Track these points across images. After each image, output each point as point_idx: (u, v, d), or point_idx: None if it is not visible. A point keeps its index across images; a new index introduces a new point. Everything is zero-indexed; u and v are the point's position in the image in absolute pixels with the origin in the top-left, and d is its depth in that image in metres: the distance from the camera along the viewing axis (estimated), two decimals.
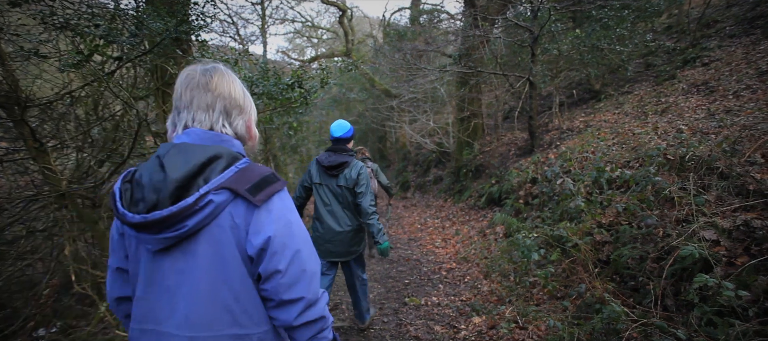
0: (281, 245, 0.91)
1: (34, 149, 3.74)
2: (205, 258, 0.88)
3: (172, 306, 0.89)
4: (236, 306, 0.90)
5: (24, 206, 4.26)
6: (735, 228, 2.46)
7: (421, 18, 12.89)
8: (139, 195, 0.87)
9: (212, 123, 0.97)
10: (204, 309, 0.88)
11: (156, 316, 0.90)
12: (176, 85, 0.99)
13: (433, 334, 3.18)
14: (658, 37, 8.04)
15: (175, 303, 0.89)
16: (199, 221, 0.86)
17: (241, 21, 14.59)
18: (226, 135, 0.98)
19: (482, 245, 5.25)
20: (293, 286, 0.92)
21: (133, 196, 0.89)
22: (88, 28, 3.32)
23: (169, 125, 1.01)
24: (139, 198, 0.87)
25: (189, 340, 0.87)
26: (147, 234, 0.87)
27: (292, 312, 0.93)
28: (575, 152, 5.04)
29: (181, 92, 0.97)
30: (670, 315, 2.37)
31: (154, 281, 0.91)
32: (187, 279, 0.88)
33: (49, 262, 4.37)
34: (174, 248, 0.89)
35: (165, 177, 0.85)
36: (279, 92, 5.12)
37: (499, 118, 10.09)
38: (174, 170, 0.86)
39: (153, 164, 0.89)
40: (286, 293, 0.92)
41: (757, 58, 5.26)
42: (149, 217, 0.84)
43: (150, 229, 0.86)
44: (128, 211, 0.87)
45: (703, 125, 4.05)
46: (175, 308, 0.88)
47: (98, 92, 4.74)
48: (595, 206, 3.60)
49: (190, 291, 0.88)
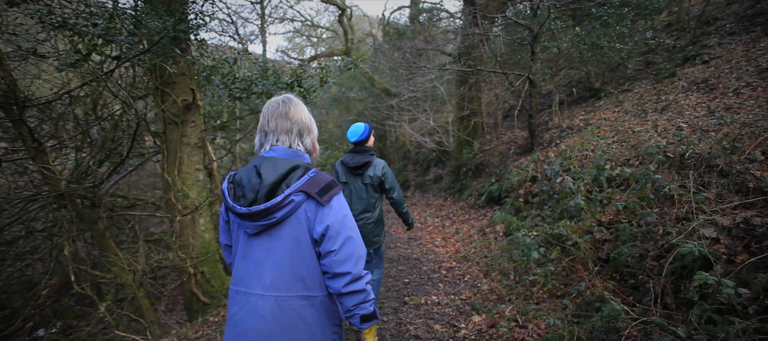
0: (336, 232, 1.24)
1: (33, 149, 3.73)
2: (286, 240, 1.24)
3: (260, 275, 1.24)
4: (307, 275, 1.25)
5: (23, 206, 4.26)
6: (735, 226, 2.45)
7: (420, 16, 12.86)
8: (240, 193, 1.24)
9: (291, 143, 1.34)
10: (285, 276, 1.23)
11: (247, 282, 1.25)
12: (263, 112, 1.36)
13: (433, 333, 3.17)
14: (658, 34, 8.02)
15: (262, 272, 1.24)
16: (283, 214, 1.22)
17: (240, 20, 14.59)
18: (300, 151, 1.35)
19: (482, 244, 5.24)
20: (343, 263, 1.24)
21: (235, 193, 1.26)
22: (87, 27, 3.31)
23: (257, 143, 1.38)
24: (241, 195, 1.24)
25: (274, 298, 1.22)
26: (248, 221, 1.23)
27: (340, 282, 1.26)
28: (575, 151, 5.03)
29: (268, 119, 1.34)
30: (669, 313, 2.37)
31: (247, 255, 1.27)
32: (272, 255, 1.24)
33: (48, 262, 4.38)
34: (263, 232, 1.25)
35: (261, 182, 1.22)
36: (278, 91, 5.11)
37: (499, 116, 10.08)
38: (267, 177, 1.22)
39: (250, 171, 1.26)
40: (337, 268, 1.24)
41: (758, 55, 5.25)
42: (252, 209, 1.20)
43: (250, 218, 1.22)
44: (236, 204, 1.23)
45: (703, 122, 4.04)
46: (263, 276, 1.23)
47: (97, 92, 4.73)
48: (595, 205, 3.59)
49: (275, 264, 1.23)
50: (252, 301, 1.24)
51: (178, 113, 4.38)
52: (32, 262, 4.43)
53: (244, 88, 4.91)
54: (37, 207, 4.25)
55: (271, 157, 1.28)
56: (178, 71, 4.19)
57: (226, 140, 8.99)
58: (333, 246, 1.23)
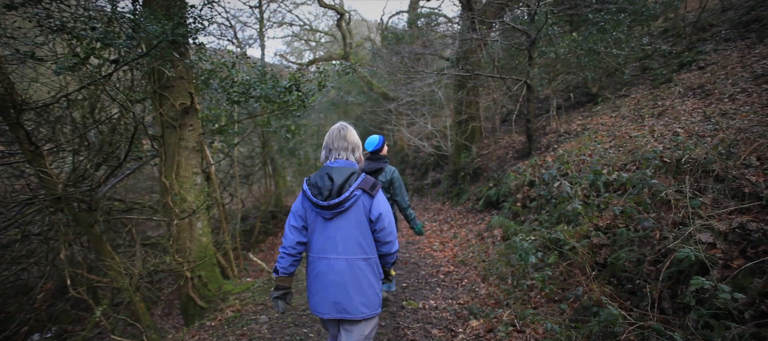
0: (383, 216, 1.92)
1: (30, 152, 3.72)
2: (351, 221, 1.89)
3: (334, 245, 1.89)
4: (365, 244, 1.92)
5: (19, 210, 4.24)
6: (731, 231, 2.46)
7: (418, 21, 12.92)
8: (316, 192, 1.89)
9: (347, 156, 1.99)
10: (351, 245, 1.89)
11: (326, 251, 1.91)
12: (328, 134, 2.01)
13: (431, 338, 3.16)
14: (655, 40, 8.08)
15: (336, 243, 1.89)
16: (350, 204, 1.87)
17: (239, 24, 14.62)
18: (353, 161, 2.00)
19: (480, 249, 5.24)
20: (388, 235, 1.96)
21: (313, 192, 1.90)
22: (85, 30, 3.31)
23: (323, 156, 2.02)
24: (317, 193, 1.88)
25: (345, 260, 1.88)
26: (325, 211, 1.87)
27: (386, 248, 1.99)
28: (572, 155, 5.05)
29: (331, 140, 1.99)
30: (666, 317, 2.37)
31: (324, 233, 1.91)
32: (342, 232, 1.89)
33: (44, 266, 4.35)
34: (336, 217, 1.89)
35: (332, 184, 1.85)
36: (277, 95, 5.11)
37: (497, 121, 10.11)
38: (336, 180, 1.86)
39: (323, 176, 1.89)
40: (385, 238, 1.96)
41: (753, 61, 5.30)
42: (331, 202, 1.84)
43: (328, 208, 1.86)
44: (316, 199, 1.87)
45: (699, 128, 4.07)
46: (337, 245, 1.89)
47: (95, 95, 4.73)
48: (593, 209, 3.60)
49: (344, 238, 1.89)
50: (331, 262, 1.90)
51: (176, 116, 4.38)
52: (28, 266, 4.40)
53: (243, 91, 4.91)
54: (33, 211, 4.23)
55: (335, 166, 1.93)
56: (177, 75, 4.19)
57: (224, 144, 8.98)
58: (383, 226, 1.93)
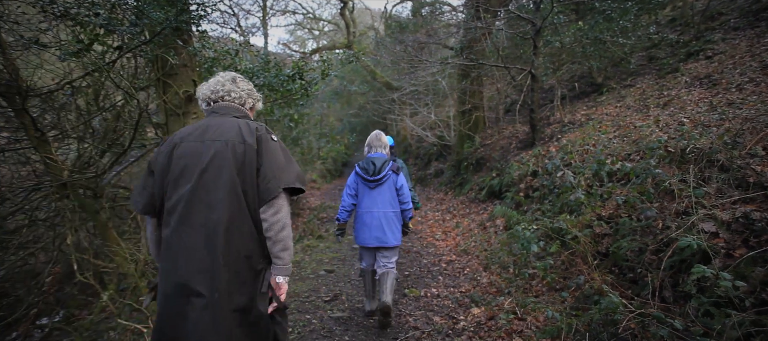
0: (403, 187, 3.24)
1: (36, 138, 3.75)
2: (386, 189, 3.19)
3: (375, 203, 3.16)
4: (394, 203, 3.21)
5: (26, 196, 4.28)
6: (734, 220, 2.46)
7: (422, 10, 12.79)
8: (364, 172, 3.17)
9: (382, 150, 3.30)
10: (386, 204, 3.17)
11: (370, 207, 3.16)
12: (369, 137, 3.40)
13: (433, 325, 3.20)
14: (662, 29, 7.97)
15: (377, 203, 3.16)
16: (385, 179, 3.18)
17: (242, 12, 14.53)
18: (385, 154, 3.29)
19: (482, 238, 5.26)
20: (406, 198, 3.25)
21: (363, 172, 3.18)
22: (89, 17, 3.30)
23: (366, 150, 3.37)
24: (365, 172, 3.17)
25: (383, 213, 3.14)
26: (370, 183, 3.17)
27: (405, 206, 3.26)
28: (576, 145, 5.03)
29: (372, 141, 3.34)
30: (667, 305, 2.38)
31: (369, 196, 3.18)
32: (381, 195, 3.17)
33: (51, 251, 4.40)
34: (376, 186, 3.18)
35: (374, 167, 3.15)
36: (280, 83, 5.10)
37: (501, 111, 10.06)
38: (377, 164, 3.16)
39: (368, 162, 3.18)
40: (404, 200, 3.25)
41: (762, 51, 5.22)
42: (374, 178, 3.14)
43: (372, 182, 3.16)
44: (365, 176, 3.16)
45: (705, 117, 4.03)
46: (377, 204, 3.15)
47: (99, 82, 4.73)
48: (595, 199, 3.60)
49: (382, 199, 3.16)
50: (373, 213, 3.13)
51: (180, 104, 4.38)
52: (35, 251, 4.46)
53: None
54: (39, 197, 4.27)
55: (376, 156, 3.20)
56: (180, 63, 4.18)
57: None
58: (403, 193, 3.21)
